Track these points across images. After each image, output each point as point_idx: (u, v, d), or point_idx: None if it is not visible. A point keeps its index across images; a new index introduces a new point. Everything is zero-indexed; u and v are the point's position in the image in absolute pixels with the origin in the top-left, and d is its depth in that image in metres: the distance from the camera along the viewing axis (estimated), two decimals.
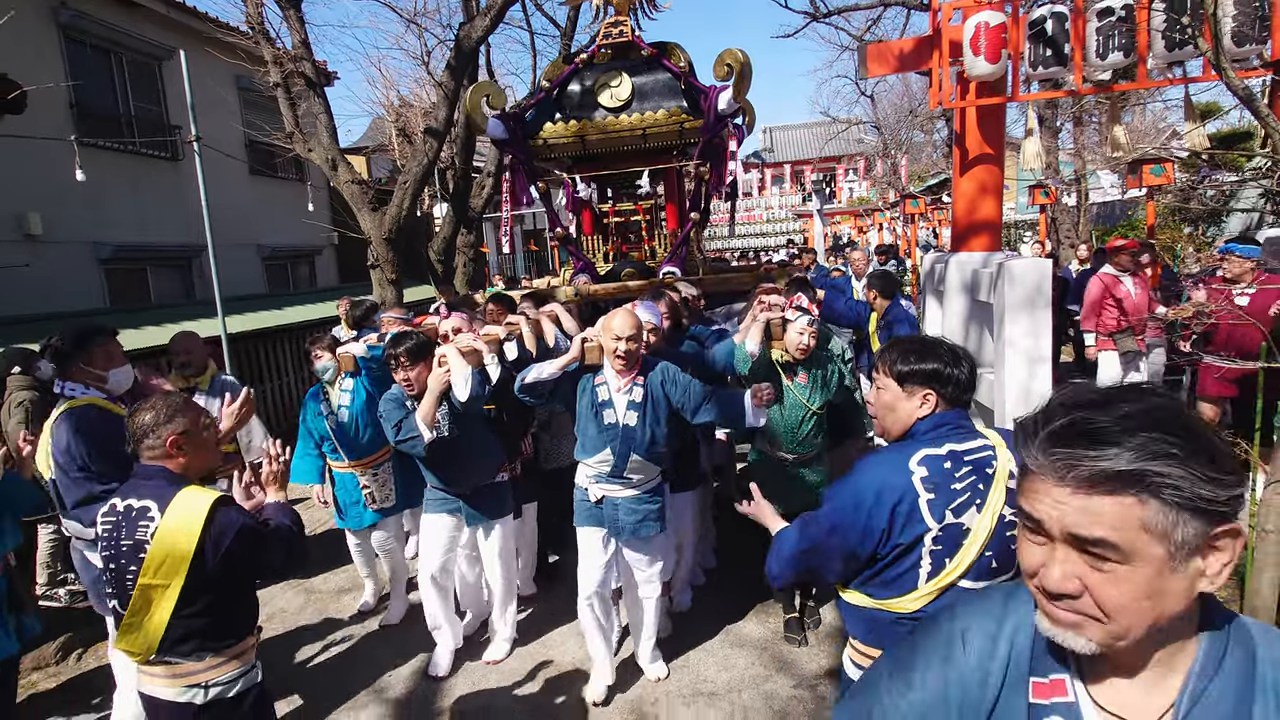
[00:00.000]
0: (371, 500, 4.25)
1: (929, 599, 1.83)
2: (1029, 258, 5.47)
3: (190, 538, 2.08)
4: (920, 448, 1.86)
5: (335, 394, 4.24)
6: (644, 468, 3.27)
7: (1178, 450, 0.82)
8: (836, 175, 38.98)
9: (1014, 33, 5.53)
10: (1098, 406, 0.89)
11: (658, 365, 3.28)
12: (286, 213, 13.05)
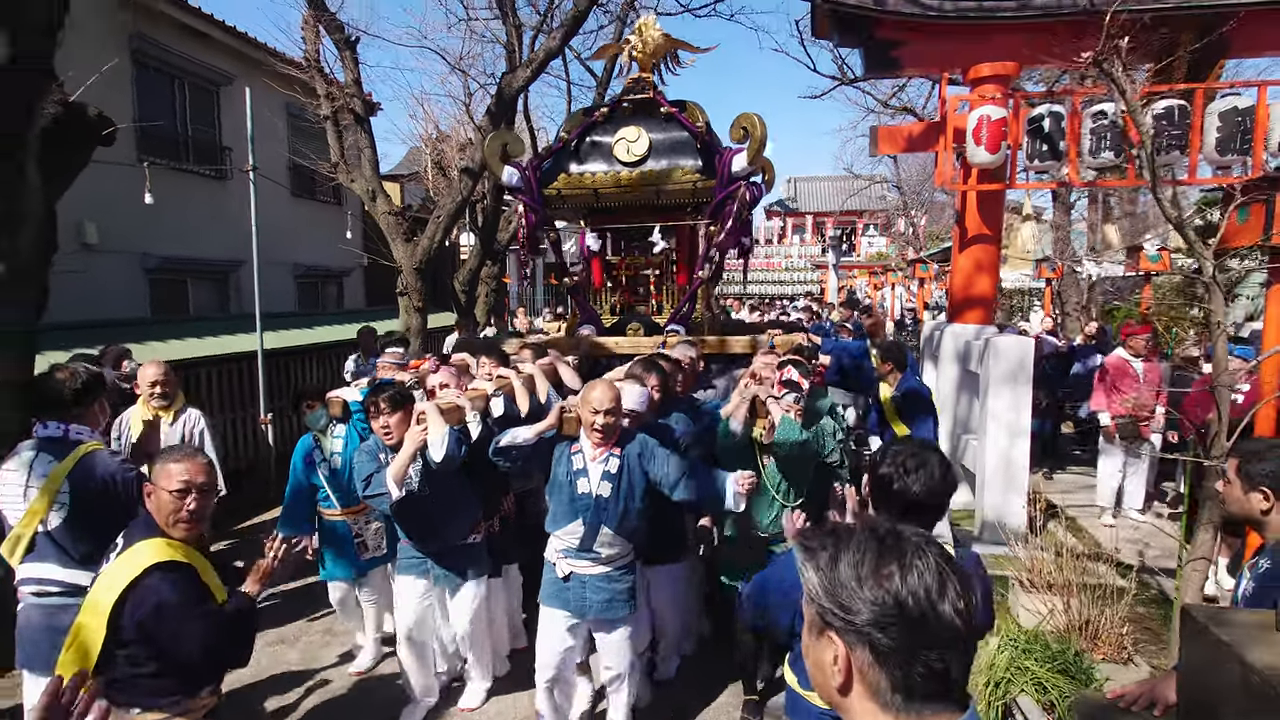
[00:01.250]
0: (363, 549, 4.16)
1: None
2: (1016, 335, 5.81)
3: (111, 594, 2.04)
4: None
5: (327, 442, 4.21)
6: (615, 543, 3.15)
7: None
8: (857, 229, 39.56)
9: (1014, 126, 5.96)
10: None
11: (637, 437, 3.20)
12: (321, 234, 13.64)
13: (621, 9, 12.36)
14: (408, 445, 3.24)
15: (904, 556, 0.97)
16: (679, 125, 5.13)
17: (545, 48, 8.96)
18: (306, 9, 8.88)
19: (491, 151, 5.19)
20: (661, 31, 5.33)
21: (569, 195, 5.26)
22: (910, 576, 0.95)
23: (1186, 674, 1.56)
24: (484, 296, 13.44)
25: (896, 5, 6.29)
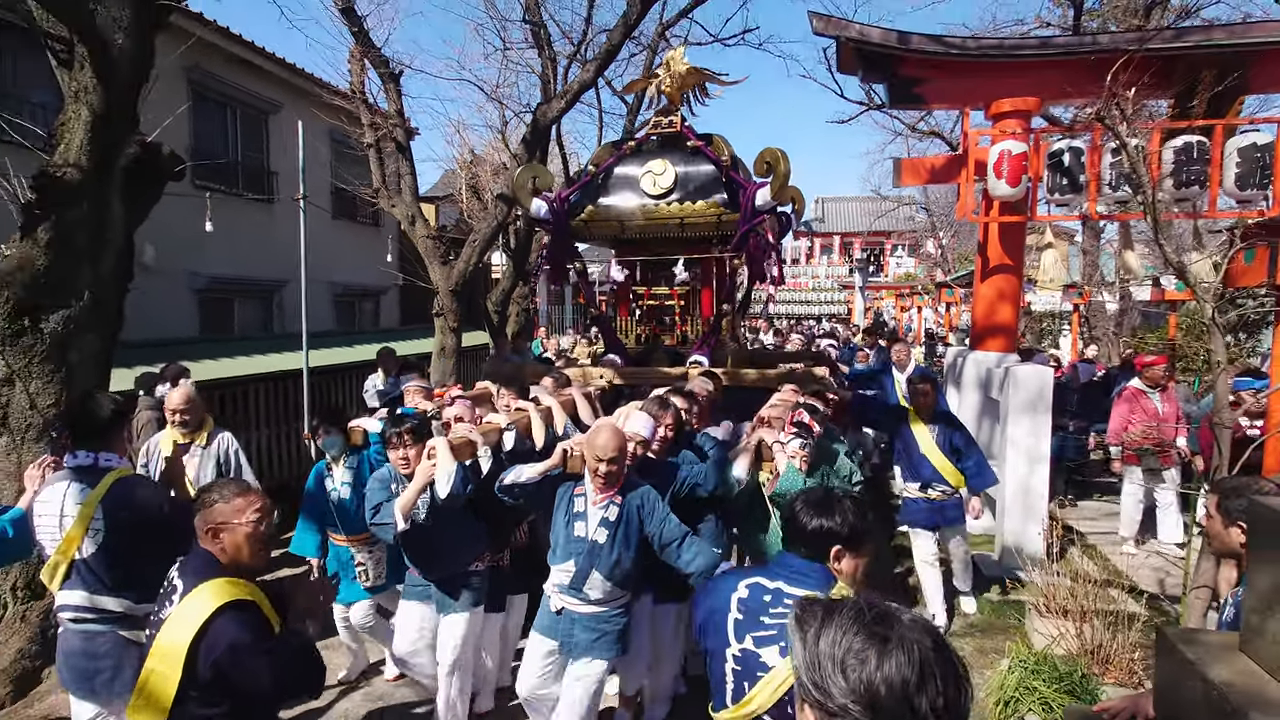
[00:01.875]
0: (365, 576, 4.17)
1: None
2: (1037, 365, 5.92)
3: (184, 638, 2.03)
4: (758, 575, 2.00)
5: (339, 470, 4.23)
6: (605, 587, 3.13)
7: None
8: (885, 250, 39.51)
9: (1035, 160, 6.12)
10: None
11: (640, 489, 3.17)
12: (359, 255, 14.10)
13: (653, 39, 12.70)
14: (417, 479, 3.27)
15: (886, 642, 0.93)
16: (705, 158, 5.19)
17: (579, 79, 9.29)
18: (353, 43, 9.35)
19: (520, 184, 5.31)
20: (689, 65, 5.41)
21: (595, 227, 5.33)
22: (888, 664, 0.91)
23: (1159, 690, 1.73)
24: (515, 316, 13.79)
25: (919, 44, 6.51)
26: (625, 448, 3.08)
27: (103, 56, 3.68)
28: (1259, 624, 1.55)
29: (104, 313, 4.17)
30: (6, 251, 3.94)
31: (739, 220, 4.98)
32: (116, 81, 3.77)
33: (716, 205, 5.05)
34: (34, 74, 8.04)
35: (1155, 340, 10.26)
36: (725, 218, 5.04)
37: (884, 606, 1.00)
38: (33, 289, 3.86)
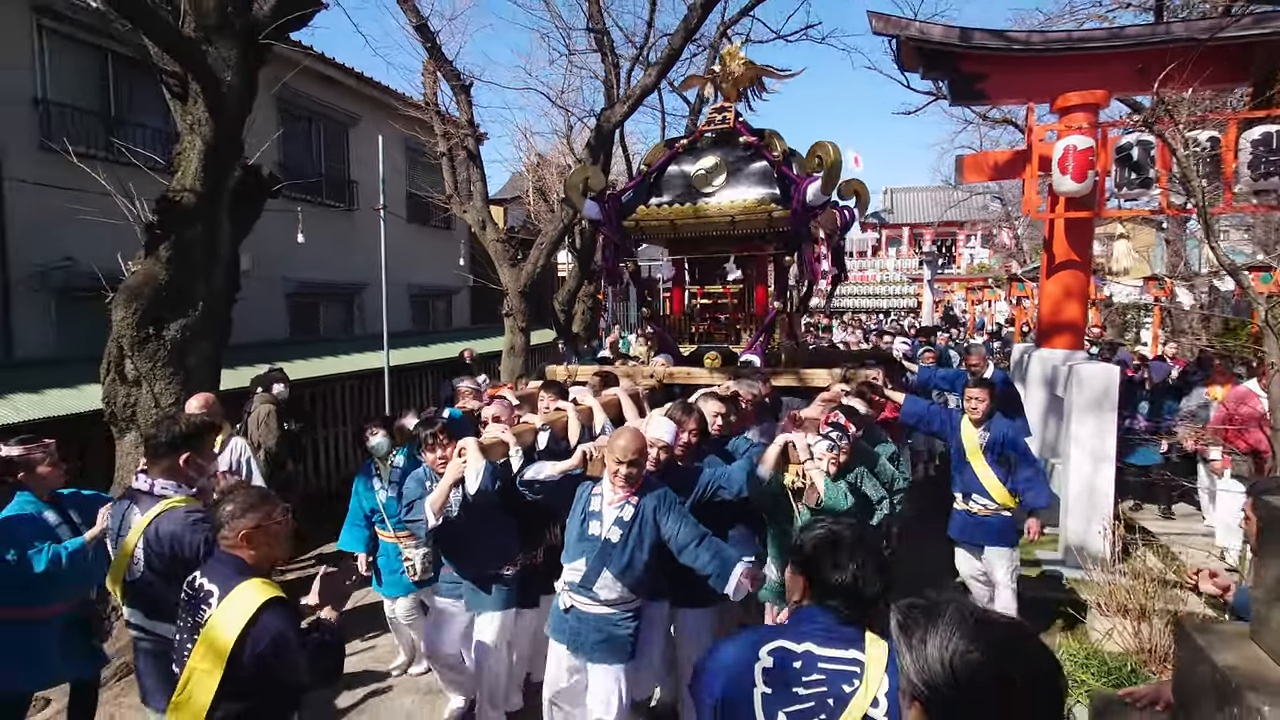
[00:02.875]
0: (412, 571, 4.26)
1: None
2: (1102, 363, 5.84)
3: (229, 636, 2.15)
4: (780, 637, 1.74)
5: (385, 469, 4.37)
6: (616, 588, 3.10)
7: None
8: (957, 241, 38.39)
9: (1102, 155, 6.02)
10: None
11: (657, 490, 3.15)
12: (432, 257, 14.72)
13: (714, 38, 12.81)
14: (446, 477, 3.34)
15: (990, 642, 1.00)
16: (758, 155, 5.12)
17: (641, 84, 9.51)
18: (427, 58, 9.83)
19: (573, 185, 5.33)
20: (745, 60, 5.38)
21: (648, 227, 5.31)
22: (993, 662, 0.99)
23: (1176, 675, 1.84)
24: (581, 314, 14.18)
25: (981, 40, 6.47)
26: (645, 451, 3.11)
27: (214, 93, 4.11)
28: (1265, 614, 1.66)
29: (216, 321, 4.64)
30: (134, 268, 4.44)
31: (790, 217, 4.90)
32: (226, 114, 4.21)
33: (767, 202, 4.96)
34: (150, 102, 8.80)
35: (1242, 338, 9.81)
36: (776, 214, 4.94)
37: (981, 609, 1.09)
38: (156, 301, 4.35)
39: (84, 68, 8.08)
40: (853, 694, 1.62)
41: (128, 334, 4.33)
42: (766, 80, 5.65)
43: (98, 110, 8.20)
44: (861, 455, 3.62)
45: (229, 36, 4.14)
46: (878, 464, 3.73)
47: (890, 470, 3.75)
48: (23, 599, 3.14)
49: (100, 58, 8.19)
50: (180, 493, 2.93)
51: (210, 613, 2.20)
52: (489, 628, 3.63)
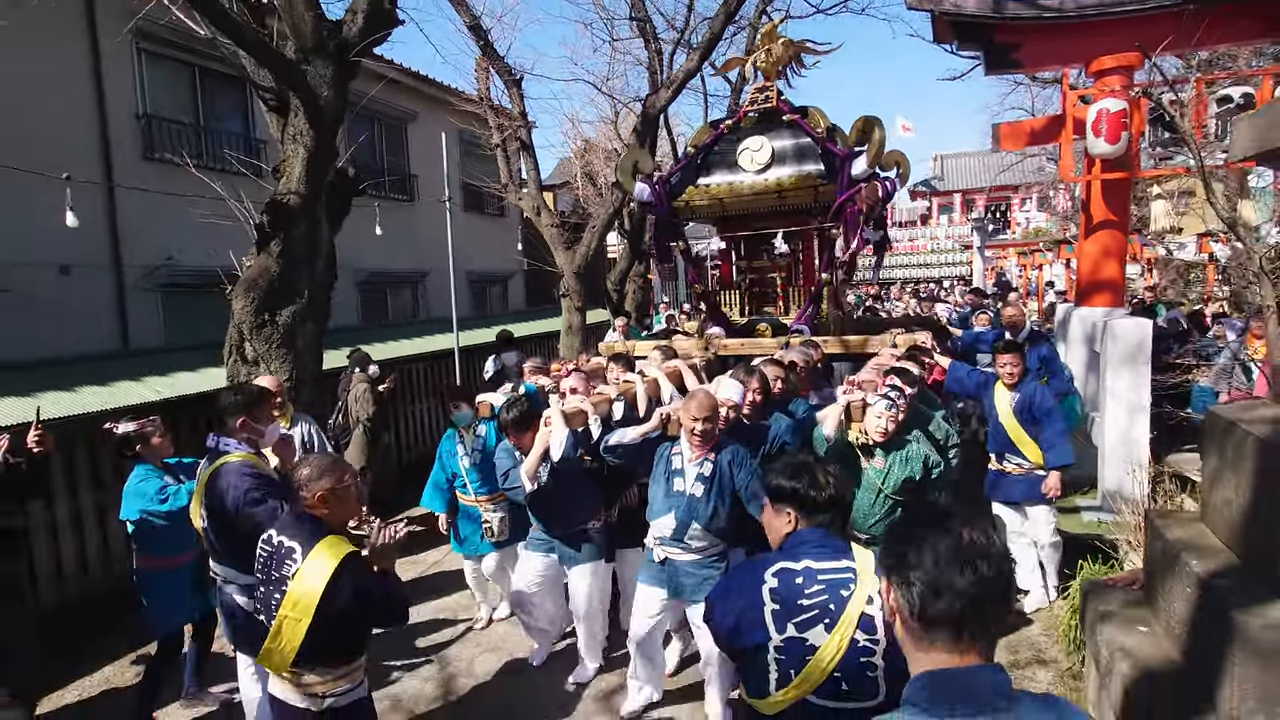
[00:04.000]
0: (490, 533, 4.57)
1: (780, 707, 1.92)
2: (1139, 319, 6.05)
3: (317, 589, 2.42)
4: (780, 560, 1.98)
5: (469, 438, 4.64)
6: (704, 536, 3.40)
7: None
8: (1012, 205, 37.49)
9: (1136, 116, 6.20)
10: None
11: (731, 446, 3.43)
12: (488, 243, 15.39)
13: (754, 17, 13.02)
14: (537, 446, 3.69)
15: (948, 525, 1.20)
16: (801, 131, 5.25)
17: (684, 69, 9.87)
18: (480, 55, 10.36)
19: (624, 169, 5.57)
20: (784, 39, 5.51)
21: (697, 206, 5.52)
22: (946, 537, 1.18)
23: (1145, 554, 2.24)
24: (632, 294, 14.68)
25: (1015, 10, 6.67)
26: (717, 410, 3.39)
27: (313, 107, 4.70)
28: (1208, 498, 2.05)
29: (318, 307, 5.28)
30: (249, 263, 5.10)
31: (837, 191, 5.02)
32: (324, 125, 4.80)
33: (814, 177, 5.10)
34: (232, 110, 9.56)
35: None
36: (823, 188, 5.08)
37: (949, 510, 1.30)
38: (269, 291, 4.99)
39: (176, 83, 8.87)
40: (849, 596, 1.87)
41: (247, 320, 4.99)
42: (806, 57, 5.77)
43: (190, 121, 8.98)
44: (917, 418, 3.80)
45: (324, 56, 4.71)
46: (932, 423, 3.91)
47: (945, 428, 3.92)
48: (169, 548, 3.74)
49: (190, 73, 8.96)
50: (240, 449, 3.28)
51: (296, 567, 2.44)
52: (583, 580, 3.97)
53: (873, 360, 4.48)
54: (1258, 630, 1.65)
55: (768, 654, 1.89)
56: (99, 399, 5.15)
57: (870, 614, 1.85)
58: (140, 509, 3.61)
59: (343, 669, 2.57)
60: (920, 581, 1.18)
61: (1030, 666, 4.10)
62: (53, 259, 7.25)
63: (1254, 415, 1.99)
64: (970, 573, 1.15)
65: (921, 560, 1.18)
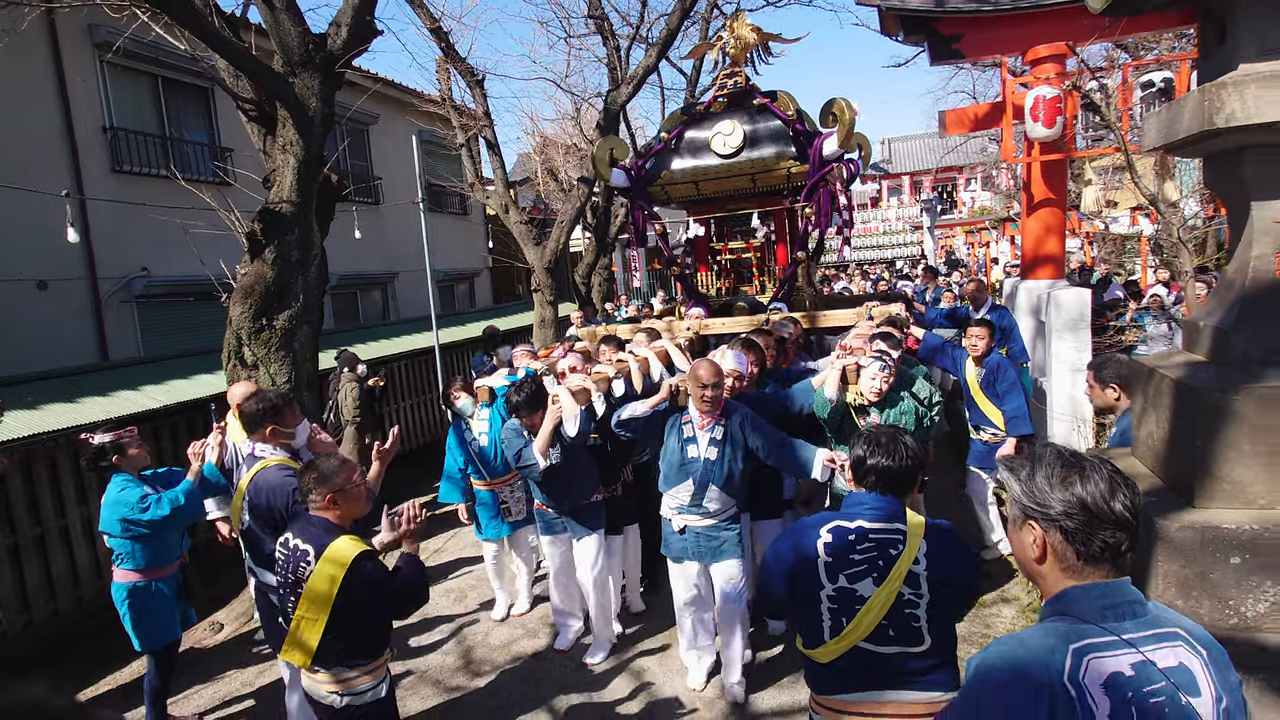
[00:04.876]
0: (508, 513, 4.74)
1: (835, 655, 2.11)
2: (1077, 288, 6.57)
3: (333, 584, 2.47)
4: (836, 519, 2.18)
5: (475, 424, 4.75)
6: (720, 499, 3.56)
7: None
8: (957, 185, 38.62)
9: (1069, 101, 6.69)
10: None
11: (739, 409, 3.60)
12: (452, 242, 15.51)
13: (706, 10, 13.35)
14: (547, 423, 3.79)
15: (1083, 470, 1.25)
16: (771, 115, 5.33)
17: (643, 64, 10.17)
18: (439, 55, 10.50)
19: (600, 157, 5.58)
20: (752, 26, 5.58)
21: (673, 190, 5.59)
22: (1089, 483, 1.23)
23: None
24: (598, 286, 14.96)
25: (957, 4, 7.11)
26: (723, 376, 3.54)
27: (302, 118, 4.89)
28: (1136, 435, 2.46)
29: (313, 310, 5.47)
30: (243, 270, 5.26)
31: (809, 171, 5.13)
32: (313, 135, 4.98)
33: (786, 158, 5.18)
34: (195, 120, 9.55)
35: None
36: (795, 170, 5.18)
37: (1074, 452, 1.32)
38: (266, 296, 5.16)
39: (140, 95, 8.85)
40: (898, 555, 2.05)
41: (245, 326, 5.16)
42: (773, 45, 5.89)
43: (155, 132, 8.97)
44: (903, 379, 4.06)
45: (311, 69, 4.89)
46: (916, 383, 4.18)
47: (928, 387, 4.20)
48: (154, 560, 3.67)
49: (153, 84, 8.95)
50: (277, 453, 3.43)
51: (310, 569, 2.50)
52: (589, 548, 4.14)
53: (854, 330, 4.72)
54: (1174, 532, 2.05)
55: (821, 604, 2.09)
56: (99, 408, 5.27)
57: (916, 571, 2.04)
58: (121, 518, 3.56)
59: (363, 667, 2.63)
60: (1075, 520, 1.25)
61: (996, 605, 4.57)
62: (30, 274, 7.26)
63: (1170, 362, 2.39)
64: (1122, 505, 1.24)
65: (1072, 501, 1.25)
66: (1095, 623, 1.23)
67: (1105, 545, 1.25)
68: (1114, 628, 1.22)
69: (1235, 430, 2.02)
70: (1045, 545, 1.29)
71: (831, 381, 3.83)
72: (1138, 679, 1.17)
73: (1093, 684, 1.16)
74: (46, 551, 4.84)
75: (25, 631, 4.63)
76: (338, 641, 2.54)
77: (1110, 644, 1.20)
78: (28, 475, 4.75)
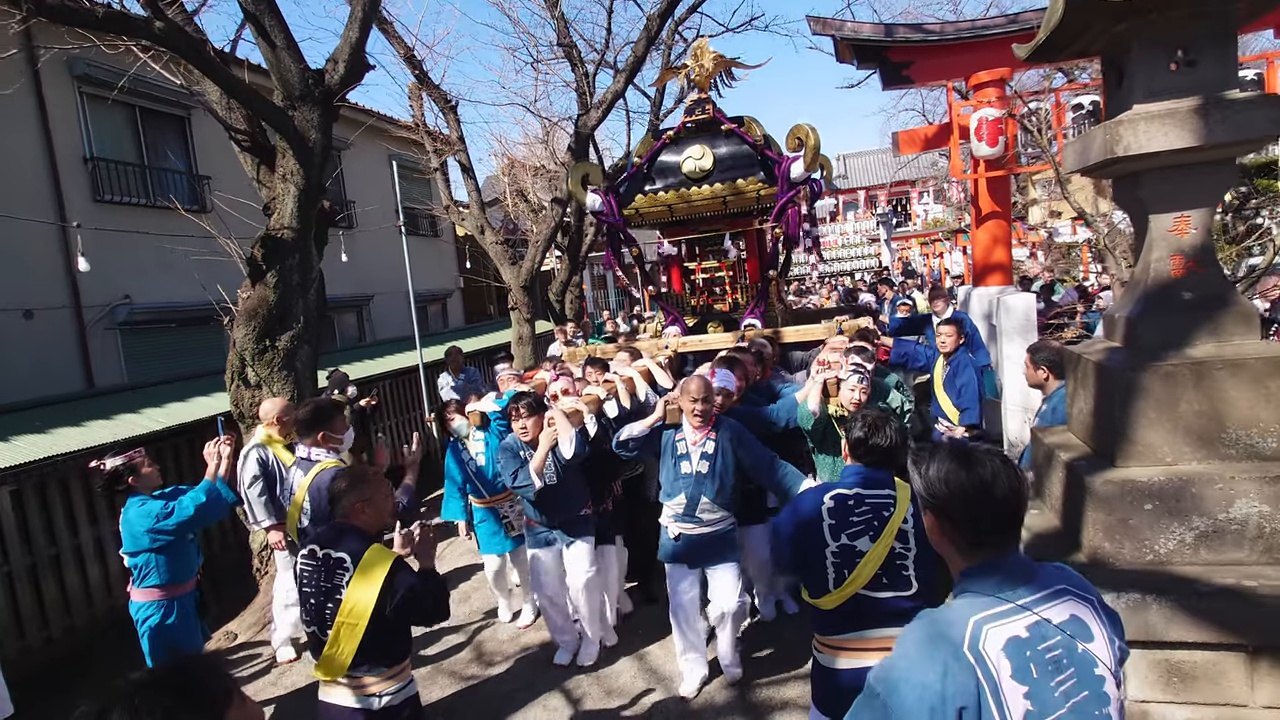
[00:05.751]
0: (510, 529, 4.87)
1: (839, 602, 2.49)
2: (1022, 294, 7.12)
3: (373, 593, 2.58)
4: (837, 487, 2.58)
5: (471, 445, 4.90)
6: (713, 509, 3.77)
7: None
8: (911, 199, 39.88)
9: (1010, 122, 7.30)
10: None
11: (730, 425, 3.81)
12: (424, 263, 15.73)
13: (668, 36, 13.88)
14: (543, 444, 3.92)
15: (970, 463, 1.37)
16: (739, 139, 5.55)
17: (612, 90, 10.59)
18: (411, 82, 10.82)
19: (575, 182, 5.78)
20: (715, 53, 5.75)
21: (646, 213, 5.74)
22: (972, 474, 1.35)
23: (1034, 463, 3.09)
24: (570, 304, 15.31)
25: (904, 34, 7.70)
26: (713, 391, 3.78)
27: (303, 149, 5.18)
28: (1070, 412, 2.91)
29: (312, 331, 5.72)
30: (245, 294, 5.51)
31: (777, 193, 5.34)
32: (312, 165, 5.28)
33: (755, 181, 5.38)
34: (172, 149, 9.69)
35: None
36: (764, 192, 5.38)
37: (966, 445, 1.47)
38: (269, 319, 5.41)
39: (119, 125, 9.00)
40: (890, 515, 2.46)
41: (249, 347, 5.40)
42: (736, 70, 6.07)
43: (134, 161, 9.12)
44: (877, 390, 4.24)
45: (310, 103, 5.19)
46: (889, 394, 4.45)
47: (899, 397, 4.46)
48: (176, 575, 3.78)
49: (131, 114, 9.11)
50: (330, 456, 3.73)
51: (349, 575, 2.60)
52: (579, 555, 4.24)
53: (828, 344, 4.91)
54: (1100, 486, 2.46)
55: (826, 560, 2.47)
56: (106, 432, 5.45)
57: (905, 529, 2.44)
58: (148, 529, 3.66)
59: (394, 668, 2.74)
60: (958, 506, 1.39)
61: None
62: (17, 304, 7.36)
63: (1094, 349, 2.83)
64: (1002, 491, 1.37)
65: (955, 494, 1.39)
66: (992, 594, 1.35)
67: (990, 527, 1.38)
68: (1009, 596, 1.34)
69: (1144, 402, 2.46)
70: (939, 530, 1.44)
71: (814, 395, 4.01)
72: (1032, 638, 1.31)
73: (993, 649, 1.28)
74: (62, 570, 5.00)
75: (46, 647, 4.78)
76: (374, 644, 2.63)
77: (1006, 611, 1.33)
78: (42, 497, 4.92)
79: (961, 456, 1.42)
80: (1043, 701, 1.27)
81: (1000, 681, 1.27)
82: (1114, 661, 1.37)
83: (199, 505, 3.74)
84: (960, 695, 1.27)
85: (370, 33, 5.44)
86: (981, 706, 1.27)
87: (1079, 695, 1.31)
